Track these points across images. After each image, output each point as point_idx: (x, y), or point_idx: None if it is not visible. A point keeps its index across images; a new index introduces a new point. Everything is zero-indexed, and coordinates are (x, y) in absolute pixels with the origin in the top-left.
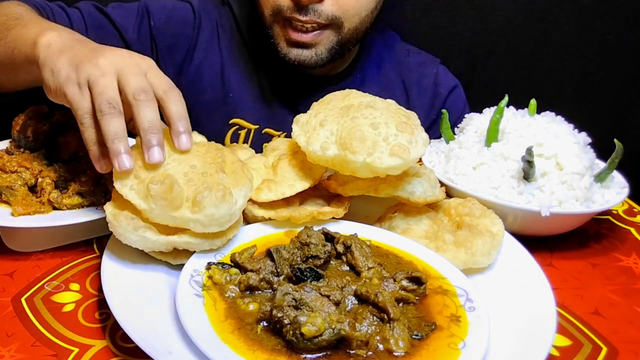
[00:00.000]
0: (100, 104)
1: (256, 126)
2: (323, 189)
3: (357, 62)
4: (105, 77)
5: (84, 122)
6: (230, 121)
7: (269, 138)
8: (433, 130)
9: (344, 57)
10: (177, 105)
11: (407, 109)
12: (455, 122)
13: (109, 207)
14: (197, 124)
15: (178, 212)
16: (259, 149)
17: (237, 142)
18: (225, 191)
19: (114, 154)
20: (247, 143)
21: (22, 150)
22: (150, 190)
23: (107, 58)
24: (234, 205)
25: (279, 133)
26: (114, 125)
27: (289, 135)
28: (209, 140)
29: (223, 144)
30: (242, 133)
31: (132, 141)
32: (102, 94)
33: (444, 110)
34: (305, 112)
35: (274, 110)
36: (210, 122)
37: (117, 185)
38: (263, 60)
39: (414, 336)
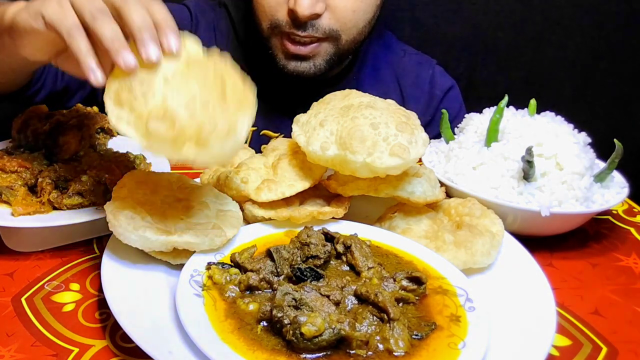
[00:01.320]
0: (91, 11)
1: (254, 128)
2: (323, 189)
3: (353, 63)
4: None
5: (73, 33)
6: None
7: (267, 140)
8: (428, 130)
9: (341, 64)
10: (141, 12)
11: None
12: (451, 122)
13: (109, 207)
14: None
15: (181, 151)
16: (257, 151)
17: None
18: (230, 126)
19: (117, 53)
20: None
21: (22, 150)
22: (151, 130)
23: None
24: (239, 137)
25: (276, 134)
26: (111, 28)
27: (287, 137)
28: None
29: None
30: None
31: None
32: (88, 3)
33: (444, 111)
34: (302, 113)
35: (271, 112)
36: None
37: (113, 119)
38: (259, 61)
39: (414, 336)
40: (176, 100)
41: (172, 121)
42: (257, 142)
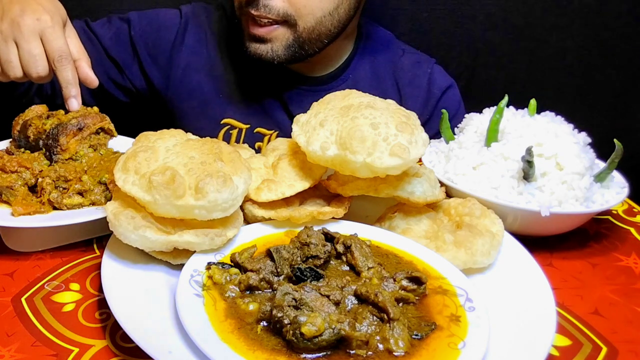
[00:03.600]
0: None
1: (247, 125)
2: (323, 189)
3: (350, 61)
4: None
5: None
6: (222, 121)
7: (260, 137)
8: (426, 129)
9: (309, 57)
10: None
11: None
12: (450, 121)
13: (109, 207)
14: (188, 124)
15: (182, 200)
16: (251, 148)
17: (228, 141)
18: (226, 177)
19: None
20: (238, 142)
21: (22, 150)
22: (153, 181)
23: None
24: (236, 190)
25: (270, 132)
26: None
27: (280, 134)
28: None
29: None
30: (234, 133)
31: (128, 141)
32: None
33: (443, 111)
34: (296, 110)
35: (264, 109)
36: (201, 122)
37: (120, 182)
38: (253, 60)
39: (413, 336)
40: (175, 161)
41: (172, 175)
42: (251, 141)
